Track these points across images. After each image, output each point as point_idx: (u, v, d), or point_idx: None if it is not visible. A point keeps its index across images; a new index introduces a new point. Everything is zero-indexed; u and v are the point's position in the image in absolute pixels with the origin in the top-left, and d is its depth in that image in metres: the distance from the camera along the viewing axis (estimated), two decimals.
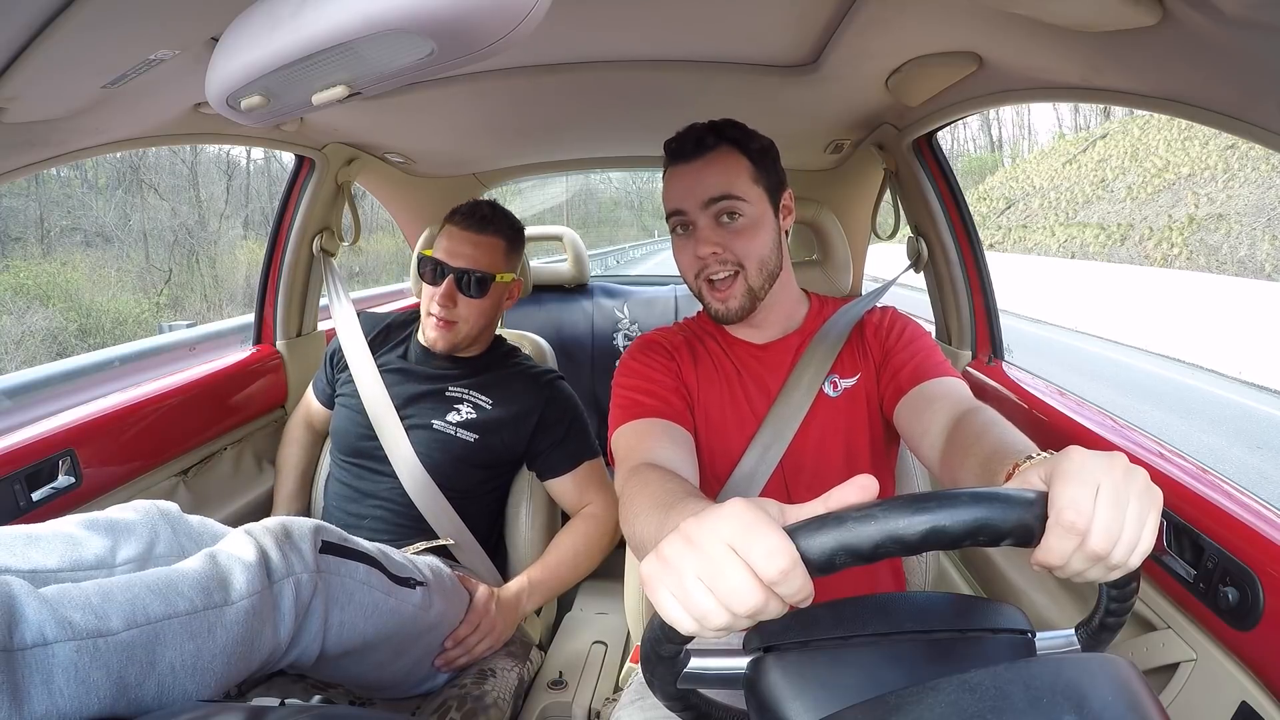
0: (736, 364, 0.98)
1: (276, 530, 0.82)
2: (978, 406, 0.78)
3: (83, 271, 10.96)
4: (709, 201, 0.88)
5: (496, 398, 1.27)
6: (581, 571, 1.28)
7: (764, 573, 0.40)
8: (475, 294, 1.24)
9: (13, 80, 0.68)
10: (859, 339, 0.98)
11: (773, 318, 0.98)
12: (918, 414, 0.85)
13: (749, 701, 0.52)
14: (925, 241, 1.45)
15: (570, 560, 1.26)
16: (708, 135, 0.90)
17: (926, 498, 0.41)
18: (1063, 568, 0.43)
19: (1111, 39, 0.71)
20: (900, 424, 0.89)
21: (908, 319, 1.00)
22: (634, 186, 24.51)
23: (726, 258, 0.89)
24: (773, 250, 0.92)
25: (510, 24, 0.51)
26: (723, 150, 0.90)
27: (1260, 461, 4.78)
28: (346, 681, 1.00)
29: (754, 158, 0.91)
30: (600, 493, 1.31)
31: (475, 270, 1.23)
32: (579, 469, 1.30)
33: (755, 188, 0.90)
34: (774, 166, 0.94)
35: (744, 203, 0.89)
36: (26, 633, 0.59)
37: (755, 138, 0.93)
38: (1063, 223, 20.07)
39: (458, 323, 1.25)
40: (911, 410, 0.86)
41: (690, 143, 0.90)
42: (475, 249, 1.24)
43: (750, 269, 0.90)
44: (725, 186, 0.88)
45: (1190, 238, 14.40)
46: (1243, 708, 0.69)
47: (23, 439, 1.06)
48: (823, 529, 0.41)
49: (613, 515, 1.27)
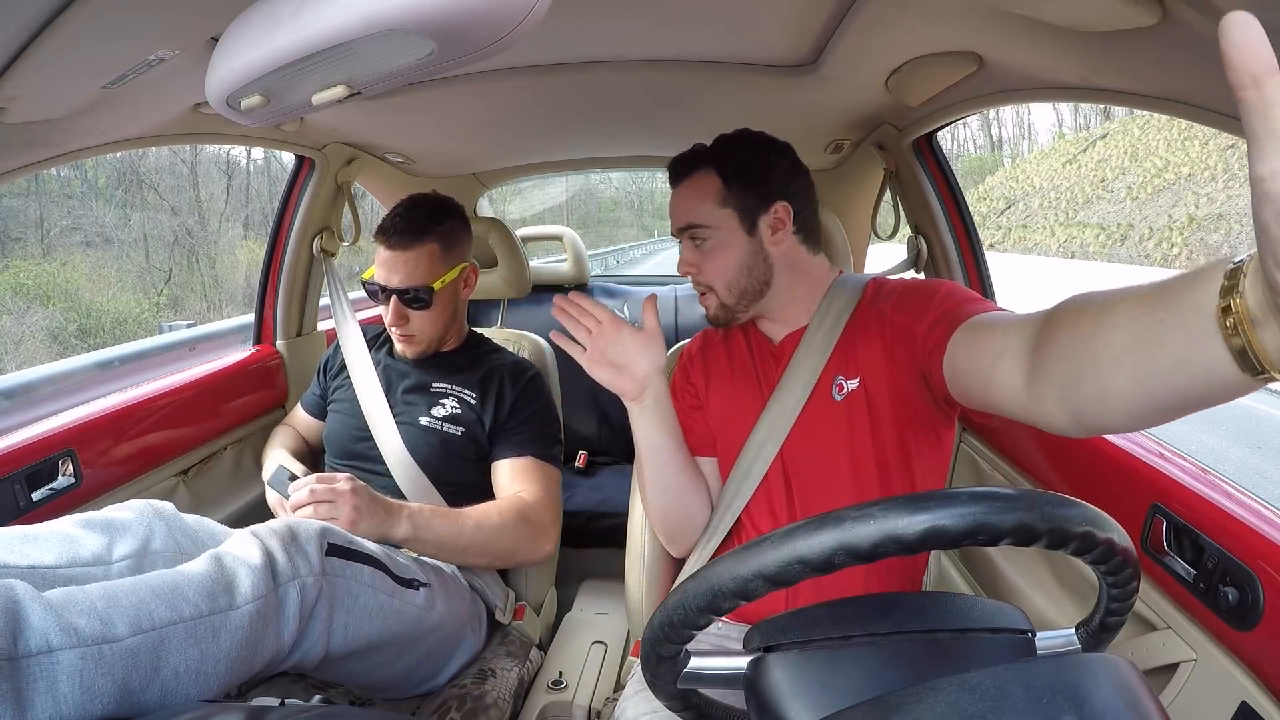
0: (754, 357, 1.01)
1: (283, 532, 0.82)
2: (1060, 301, 0.58)
3: (83, 271, 10.96)
4: (680, 230, 0.96)
5: (480, 391, 1.27)
6: (480, 542, 1.10)
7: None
8: (419, 307, 1.24)
9: (13, 80, 0.68)
10: (862, 329, 0.92)
11: (791, 314, 0.98)
12: (975, 345, 0.70)
13: (749, 701, 0.52)
14: (925, 241, 1.45)
15: (471, 524, 1.09)
16: (683, 163, 0.96)
17: (925, 498, 0.41)
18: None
19: (1111, 39, 0.71)
20: (958, 370, 0.73)
21: (902, 279, 0.94)
22: (634, 186, 24.55)
23: (700, 278, 0.96)
24: (741, 269, 0.93)
25: (510, 24, 0.51)
26: (695, 178, 0.94)
27: (1260, 461, 4.78)
28: (348, 682, 1.00)
29: (728, 178, 0.92)
30: (538, 487, 1.20)
31: (412, 287, 1.22)
32: (520, 459, 1.23)
33: (722, 210, 0.92)
34: (756, 182, 0.92)
35: (708, 228, 0.93)
36: (31, 640, 0.58)
37: (744, 150, 0.93)
38: (1063, 223, 20.07)
39: (415, 334, 1.27)
40: (966, 348, 0.72)
41: (676, 168, 0.97)
42: (407, 265, 1.21)
43: (719, 288, 0.95)
44: (689, 215, 0.94)
45: (1190, 238, 14.40)
46: (1242, 708, 0.69)
47: (23, 439, 1.06)
48: (822, 528, 0.41)
49: (545, 512, 1.18)
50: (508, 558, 1.17)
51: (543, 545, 1.18)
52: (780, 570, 0.42)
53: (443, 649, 1.08)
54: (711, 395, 1.02)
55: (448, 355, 1.34)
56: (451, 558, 1.11)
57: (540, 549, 1.17)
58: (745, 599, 0.44)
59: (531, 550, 1.17)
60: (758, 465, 0.93)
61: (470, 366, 1.31)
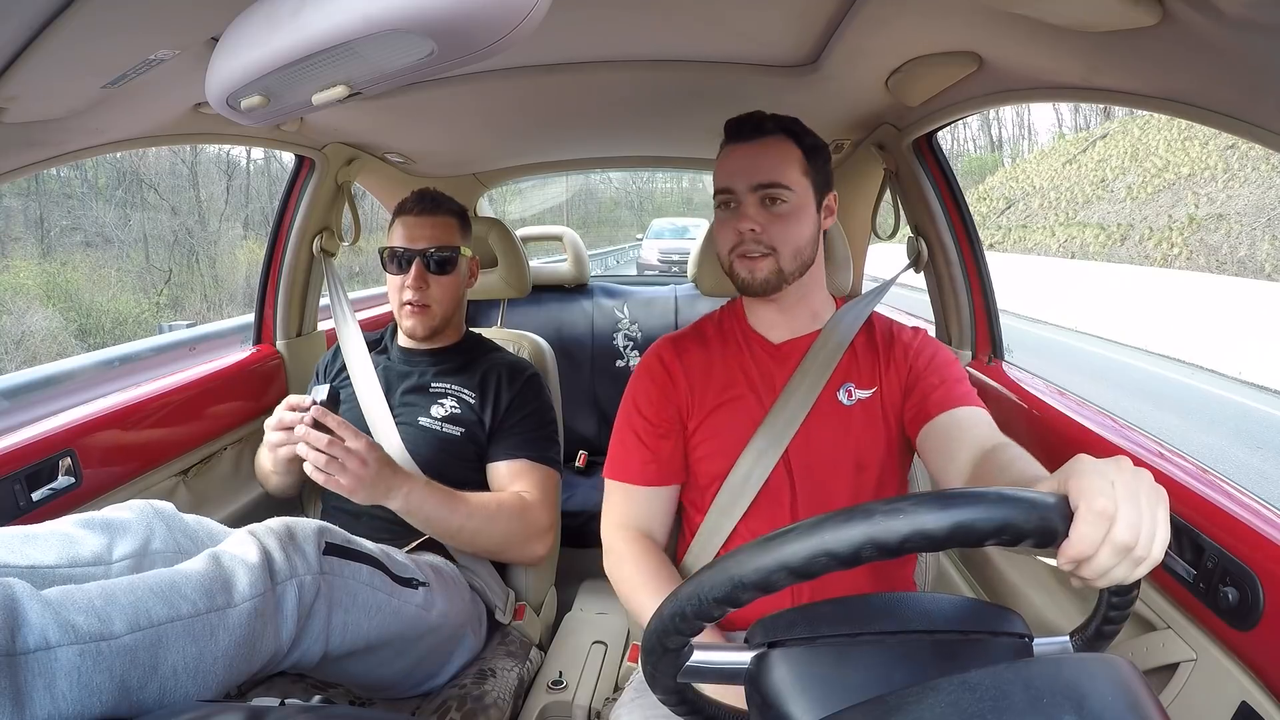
0: (752, 359, 0.99)
1: (280, 531, 0.83)
2: (1005, 442, 0.79)
3: (83, 272, 10.96)
4: (757, 186, 0.91)
5: (480, 391, 1.28)
6: (471, 529, 1.10)
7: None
8: (444, 271, 1.26)
9: (13, 80, 0.68)
10: (885, 353, 0.97)
11: (798, 311, 0.99)
12: (944, 443, 0.85)
13: (750, 697, 0.52)
14: (925, 241, 1.45)
15: (464, 509, 1.10)
16: (767, 121, 0.93)
17: (953, 496, 0.42)
18: (1092, 559, 0.44)
19: (1111, 39, 0.71)
20: (924, 449, 0.89)
21: (940, 344, 0.99)
22: (634, 186, 24.54)
23: (762, 238, 0.91)
24: (809, 242, 0.94)
25: (510, 24, 0.50)
26: (779, 138, 0.93)
27: (1260, 461, 4.79)
28: (347, 682, 1.00)
29: (807, 152, 0.94)
30: (536, 491, 1.21)
31: (440, 247, 1.25)
32: (517, 462, 1.23)
33: (803, 179, 0.93)
34: (824, 166, 0.96)
35: (790, 191, 0.91)
36: (29, 636, 0.59)
37: (811, 135, 0.96)
38: (1063, 223, 20.08)
39: (431, 305, 1.26)
40: (937, 438, 0.87)
41: (750, 126, 0.93)
42: (433, 229, 1.26)
43: (784, 253, 0.91)
44: (775, 173, 0.91)
45: (1190, 238, 14.40)
46: (1242, 708, 0.69)
47: (23, 439, 1.06)
48: (850, 521, 0.42)
49: (542, 516, 1.19)
50: (497, 551, 1.18)
51: (534, 547, 1.18)
52: (806, 562, 0.42)
53: (442, 649, 1.08)
54: (695, 409, 0.98)
55: (447, 353, 1.34)
56: (442, 537, 1.13)
57: (531, 550, 1.18)
58: (766, 591, 0.44)
59: (521, 549, 1.17)
60: (758, 471, 0.92)
61: (469, 366, 1.31)
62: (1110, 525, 0.43)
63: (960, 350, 1.48)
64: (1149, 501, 0.45)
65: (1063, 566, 0.45)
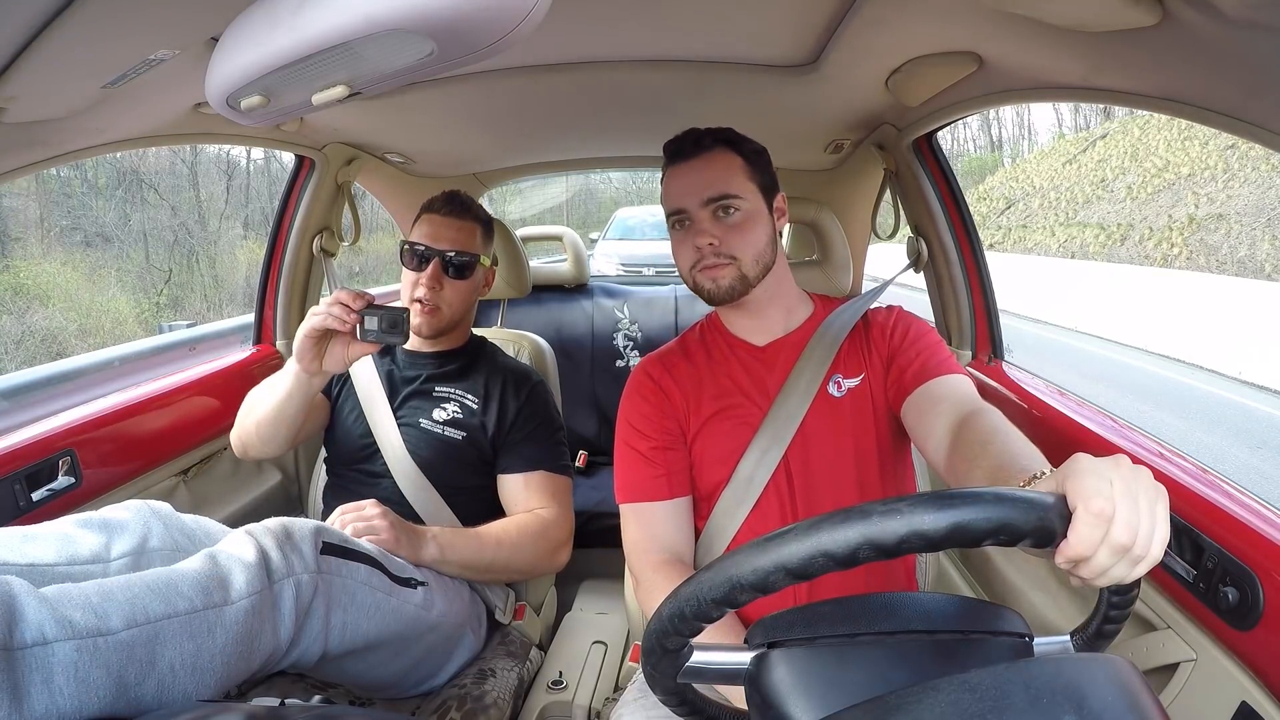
0: (739, 365, 0.99)
1: (277, 530, 0.83)
2: (983, 408, 0.79)
3: (83, 271, 10.95)
4: (709, 200, 0.92)
5: (482, 396, 1.28)
6: (502, 560, 1.14)
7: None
8: (461, 275, 1.26)
9: (13, 80, 0.68)
10: (864, 338, 0.99)
11: (770, 312, 0.99)
12: (923, 414, 0.86)
13: (750, 697, 0.52)
14: (925, 241, 1.45)
15: (492, 543, 1.13)
16: (704, 137, 0.95)
17: (951, 496, 0.42)
18: (1090, 560, 0.44)
19: (1111, 39, 0.71)
20: (908, 423, 0.90)
21: (914, 317, 1.00)
22: (634, 186, 24.48)
23: (721, 250, 0.92)
24: (768, 244, 0.95)
25: (510, 24, 0.51)
26: (719, 151, 0.95)
27: (1260, 461, 4.78)
28: (347, 681, 1.00)
29: (748, 158, 0.96)
30: (552, 502, 1.23)
31: (460, 251, 1.25)
32: (533, 474, 1.24)
33: (750, 185, 0.94)
34: (767, 168, 0.98)
35: (741, 199, 0.93)
36: (26, 632, 0.59)
37: (748, 141, 0.98)
38: (1063, 223, 20.07)
39: (442, 307, 1.26)
40: (917, 409, 0.87)
41: (689, 143, 0.95)
42: (458, 232, 1.26)
43: (745, 260, 0.93)
44: (723, 184, 0.92)
45: (1190, 238, 14.39)
46: (1242, 708, 0.69)
47: (23, 439, 1.06)
48: (847, 522, 0.41)
49: (562, 528, 1.21)
50: (528, 572, 1.22)
51: (558, 559, 1.22)
52: (804, 563, 0.42)
53: (442, 648, 1.08)
54: (692, 421, 0.98)
55: (451, 356, 1.33)
56: (476, 576, 1.17)
57: (556, 563, 1.23)
58: (764, 592, 0.44)
59: (549, 564, 1.22)
60: (760, 473, 0.93)
61: (472, 370, 1.31)
62: (1109, 525, 0.43)
63: (960, 350, 1.48)
64: (1148, 500, 0.45)
65: (1061, 566, 0.45)
